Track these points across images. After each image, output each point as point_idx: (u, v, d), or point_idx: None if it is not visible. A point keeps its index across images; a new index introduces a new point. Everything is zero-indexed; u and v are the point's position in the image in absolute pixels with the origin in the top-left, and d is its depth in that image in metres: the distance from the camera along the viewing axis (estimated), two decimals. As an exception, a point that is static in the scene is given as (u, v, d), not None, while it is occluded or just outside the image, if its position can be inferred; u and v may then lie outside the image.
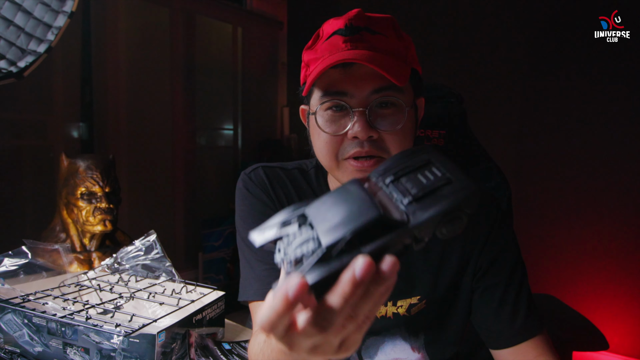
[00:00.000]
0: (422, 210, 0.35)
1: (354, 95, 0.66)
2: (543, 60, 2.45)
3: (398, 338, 0.80)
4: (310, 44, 0.72)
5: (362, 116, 0.65)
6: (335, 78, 0.66)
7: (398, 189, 0.37)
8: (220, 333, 0.93)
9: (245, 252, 0.80)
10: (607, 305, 2.28)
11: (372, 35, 0.67)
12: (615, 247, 2.27)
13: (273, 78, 3.31)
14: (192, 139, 2.81)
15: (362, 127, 0.65)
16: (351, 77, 0.66)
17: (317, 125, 0.69)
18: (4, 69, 1.22)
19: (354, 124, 0.66)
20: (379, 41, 0.67)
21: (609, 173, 2.28)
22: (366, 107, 0.65)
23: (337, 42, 0.66)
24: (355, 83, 0.66)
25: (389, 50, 0.67)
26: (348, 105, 0.66)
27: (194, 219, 2.78)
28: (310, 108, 0.72)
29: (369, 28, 0.67)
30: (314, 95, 0.70)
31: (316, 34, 0.72)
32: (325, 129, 0.68)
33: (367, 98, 0.66)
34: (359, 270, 0.32)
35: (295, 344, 0.37)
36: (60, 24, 1.30)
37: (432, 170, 0.37)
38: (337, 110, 0.68)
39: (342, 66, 0.66)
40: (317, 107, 0.69)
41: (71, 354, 0.74)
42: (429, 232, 0.36)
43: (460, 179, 0.36)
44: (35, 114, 2.02)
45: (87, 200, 1.20)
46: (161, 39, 2.59)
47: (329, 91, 0.67)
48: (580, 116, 2.35)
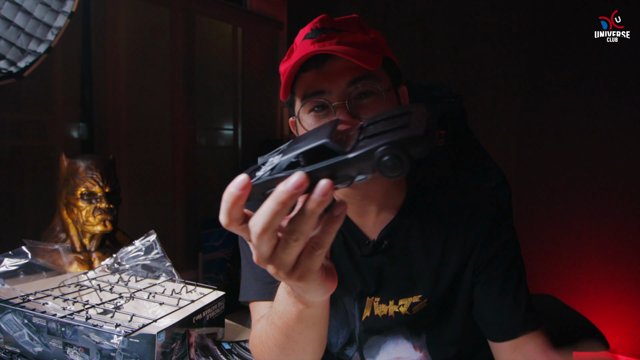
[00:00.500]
0: (365, 145, 0.38)
1: (332, 92, 0.67)
2: (543, 60, 2.45)
3: (400, 337, 0.81)
4: (285, 58, 0.75)
5: (343, 109, 0.67)
6: (310, 80, 0.68)
7: (363, 131, 0.41)
8: (220, 333, 0.93)
9: (247, 252, 0.80)
10: (607, 305, 2.28)
11: (338, 32, 0.69)
12: (615, 247, 2.27)
13: (273, 78, 3.31)
14: (192, 139, 2.81)
15: (346, 120, 0.66)
16: (325, 74, 0.67)
17: (303, 129, 0.71)
18: (4, 69, 1.22)
19: None
20: (345, 36, 0.69)
21: (609, 173, 2.28)
22: (345, 100, 0.67)
23: (306, 46, 0.69)
24: (330, 79, 0.67)
25: (356, 42, 0.69)
26: (328, 102, 0.68)
27: (194, 219, 2.78)
28: (295, 115, 0.74)
29: (334, 28, 0.70)
30: (296, 102, 0.72)
31: (290, 48, 0.75)
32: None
33: (344, 91, 0.67)
34: (290, 180, 0.37)
35: (273, 261, 0.42)
36: (60, 24, 1.30)
37: (403, 118, 0.39)
38: (319, 110, 0.69)
39: (316, 67, 0.67)
40: (299, 111, 0.71)
41: (71, 354, 0.74)
42: (369, 168, 0.38)
43: (416, 125, 0.37)
44: (35, 114, 2.02)
45: (87, 200, 1.20)
46: (161, 39, 2.59)
47: (307, 93, 0.69)
48: (580, 116, 2.35)
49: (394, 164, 0.36)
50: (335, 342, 0.84)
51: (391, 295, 0.79)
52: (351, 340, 0.83)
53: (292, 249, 0.40)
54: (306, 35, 0.71)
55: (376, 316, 0.80)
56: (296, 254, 0.41)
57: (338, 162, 0.38)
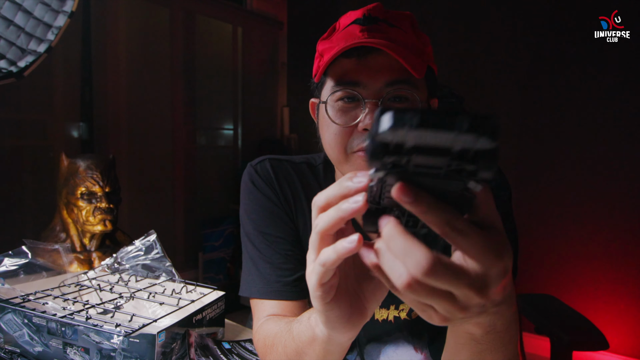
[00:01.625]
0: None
1: (367, 86, 0.63)
2: (543, 60, 2.45)
3: (400, 341, 0.80)
4: (326, 35, 0.70)
5: (374, 108, 0.63)
6: (348, 68, 0.64)
7: None
8: (220, 333, 0.93)
9: (249, 248, 0.79)
10: (607, 305, 2.28)
11: (389, 27, 0.65)
12: (615, 247, 2.27)
13: (273, 78, 3.31)
14: (192, 139, 2.81)
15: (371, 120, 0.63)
16: (365, 67, 0.63)
17: (327, 116, 0.67)
18: (4, 69, 1.22)
19: (365, 116, 0.63)
20: (397, 33, 0.65)
21: (609, 173, 2.28)
22: (379, 99, 0.63)
23: (354, 31, 0.64)
24: (369, 74, 0.63)
25: (406, 43, 0.64)
26: (360, 96, 0.64)
27: (194, 219, 2.78)
28: (321, 98, 0.70)
29: (387, 20, 0.65)
30: (326, 85, 0.68)
31: (332, 26, 0.70)
32: (335, 119, 0.66)
33: (380, 90, 0.63)
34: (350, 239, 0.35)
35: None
36: (60, 24, 1.30)
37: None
38: (349, 101, 0.65)
39: (357, 57, 0.63)
40: (328, 97, 0.67)
41: (71, 354, 0.74)
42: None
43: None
44: (35, 114, 2.02)
45: (87, 200, 1.20)
46: (161, 39, 2.60)
47: (342, 80, 0.65)
48: (580, 116, 2.35)
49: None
50: None
51: (392, 299, 0.78)
52: (352, 346, 0.82)
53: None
54: (356, 19, 0.65)
55: (376, 321, 0.79)
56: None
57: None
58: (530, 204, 2.46)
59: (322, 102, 0.68)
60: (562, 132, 2.41)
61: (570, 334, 1.33)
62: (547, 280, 2.42)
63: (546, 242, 2.45)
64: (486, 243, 0.31)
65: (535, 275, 2.44)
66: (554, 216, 2.44)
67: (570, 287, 2.38)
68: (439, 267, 0.30)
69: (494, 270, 0.32)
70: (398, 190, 0.30)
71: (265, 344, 0.70)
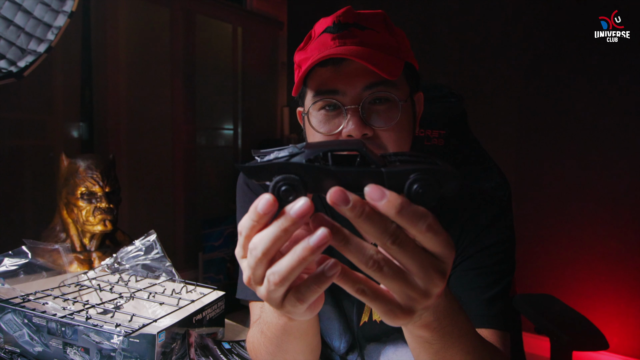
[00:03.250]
0: (400, 166, 0.38)
1: (346, 93, 0.65)
2: (543, 60, 2.45)
3: (400, 341, 0.80)
4: (302, 45, 0.71)
5: (355, 114, 0.64)
6: (326, 77, 0.65)
7: (387, 158, 0.40)
8: (220, 333, 0.93)
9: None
10: (607, 305, 2.28)
11: (361, 30, 0.65)
12: (615, 247, 2.27)
13: (273, 78, 3.31)
14: (192, 139, 2.81)
15: (356, 125, 0.63)
16: (342, 74, 0.64)
17: (311, 126, 0.68)
18: (4, 69, 1.22)
19: (347, 122, 0.64)
20: (369, 36, 0.65)
21: (609, 173, 2.28)
22: (359, 104, 0.64)
23: (325, 40, 0.65)
24: (346, 80, 0.64)
25: (379, 44, 0.65)
26: (340, 103, 0.65)
27: (194, 219, 2.78)
28: (304, 109, 0.71)
29: (358, 24, 0.66)
30: (307, 96, 0.69)
31: (308, 34, 0.71)
32: (319, 129, 0.67)
33: (359, 95, 0.64)
34: (295, 205, 0.35)
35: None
36: (60, 24, 1.30)
37: (430, 160, 0.39)
38: (331, 110, 0.67)
39: (333, 64, 0.64)
40: (310, 107, 0.68)
41: (71, 354, 0.74)
42: (397, 189, 0.37)
43: (446, 167, 0.37)
44: (35, 114, 2.02)
45: (87, 200, 1.20)
46: (161, 39, 2.60)
47: (321, 90, 0.66)
48: (580, 116, 2.35)
49: (424, 191, 0.36)
50: (338, 346, 0.84)
51: None
52: (353, 347, 0.82)
53: (276, 292, 0.38)
54: (327, 28, 0.66)
55: (374, 322, 0.79)
56: (281, 294, 0.38)
57: (369, 172, 0.37)
58: (530, 204, 2.46)
59: (305, 113, 0.70)
60: (562, 132, 2.41)
61: (570, 334, 1.33)
62: (547, 280, 2.42)
63: (546, 242, 2.45)
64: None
65: (535, 275, 2.44)
66: (553, 216, 2.44)
67: (570, 287, 2.38)
68: (406, 207, 0.34)
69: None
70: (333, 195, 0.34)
71: (251, 348, 0.72)
